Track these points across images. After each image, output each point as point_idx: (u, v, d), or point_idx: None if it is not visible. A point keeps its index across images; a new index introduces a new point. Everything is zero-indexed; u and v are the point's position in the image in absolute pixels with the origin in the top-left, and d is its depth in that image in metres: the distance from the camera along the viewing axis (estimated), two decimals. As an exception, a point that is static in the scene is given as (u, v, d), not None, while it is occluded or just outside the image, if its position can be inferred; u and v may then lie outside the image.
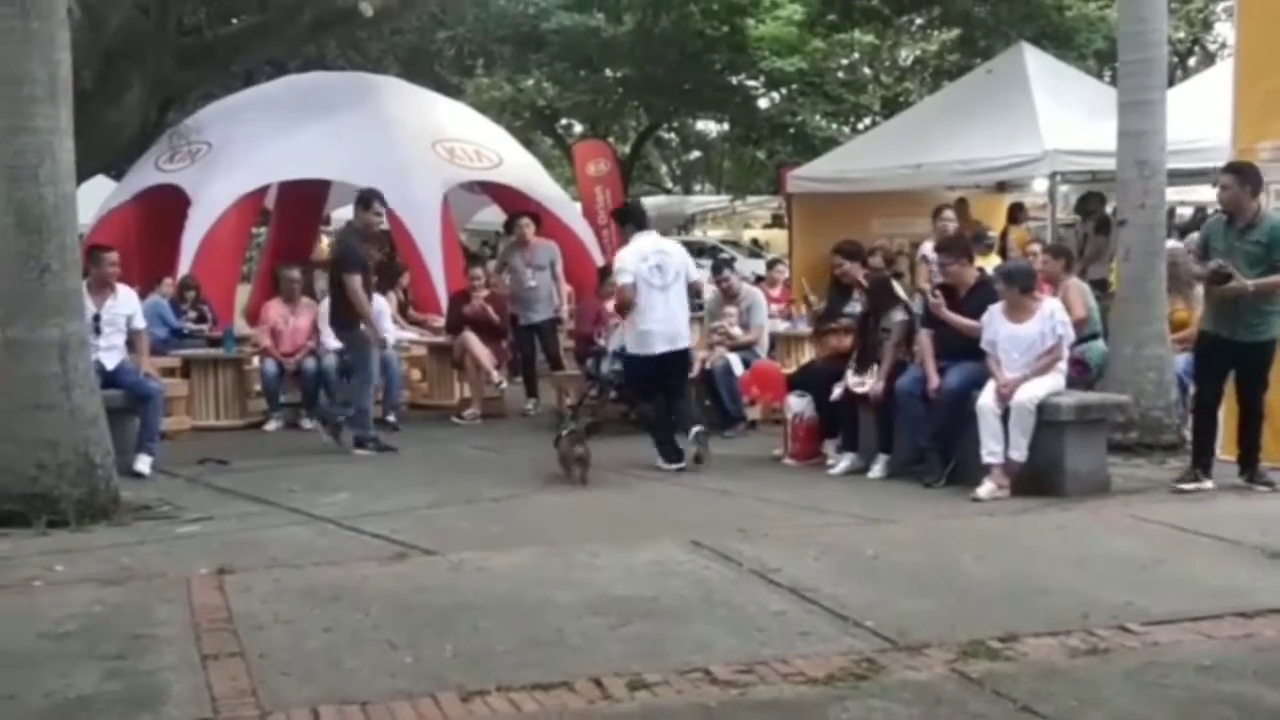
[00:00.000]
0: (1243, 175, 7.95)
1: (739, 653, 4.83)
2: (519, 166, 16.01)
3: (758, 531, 6.93)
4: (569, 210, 16.55)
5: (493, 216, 17.39)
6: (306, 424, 11.33)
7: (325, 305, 11.81)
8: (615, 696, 4.41)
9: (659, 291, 9.07)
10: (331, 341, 11.30)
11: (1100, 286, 11.13)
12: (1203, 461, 8.13)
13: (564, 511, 7.82)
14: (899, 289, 9.68)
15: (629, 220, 9.66)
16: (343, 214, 18.98)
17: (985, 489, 7.86)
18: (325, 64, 20.96)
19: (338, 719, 4.25)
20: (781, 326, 12.60)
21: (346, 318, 10.03)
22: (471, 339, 11.81)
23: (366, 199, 10.15)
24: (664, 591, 5.67)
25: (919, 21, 27.56)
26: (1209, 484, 8.04)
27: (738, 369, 10.53)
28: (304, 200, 16.34)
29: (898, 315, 8.85)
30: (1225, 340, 8.04)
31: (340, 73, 19.41)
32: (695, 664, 4.69)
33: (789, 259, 16.11)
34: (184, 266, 13.33)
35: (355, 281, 9.81)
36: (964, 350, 8.33)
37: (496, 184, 15.65)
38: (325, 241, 17.39)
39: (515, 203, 14.70)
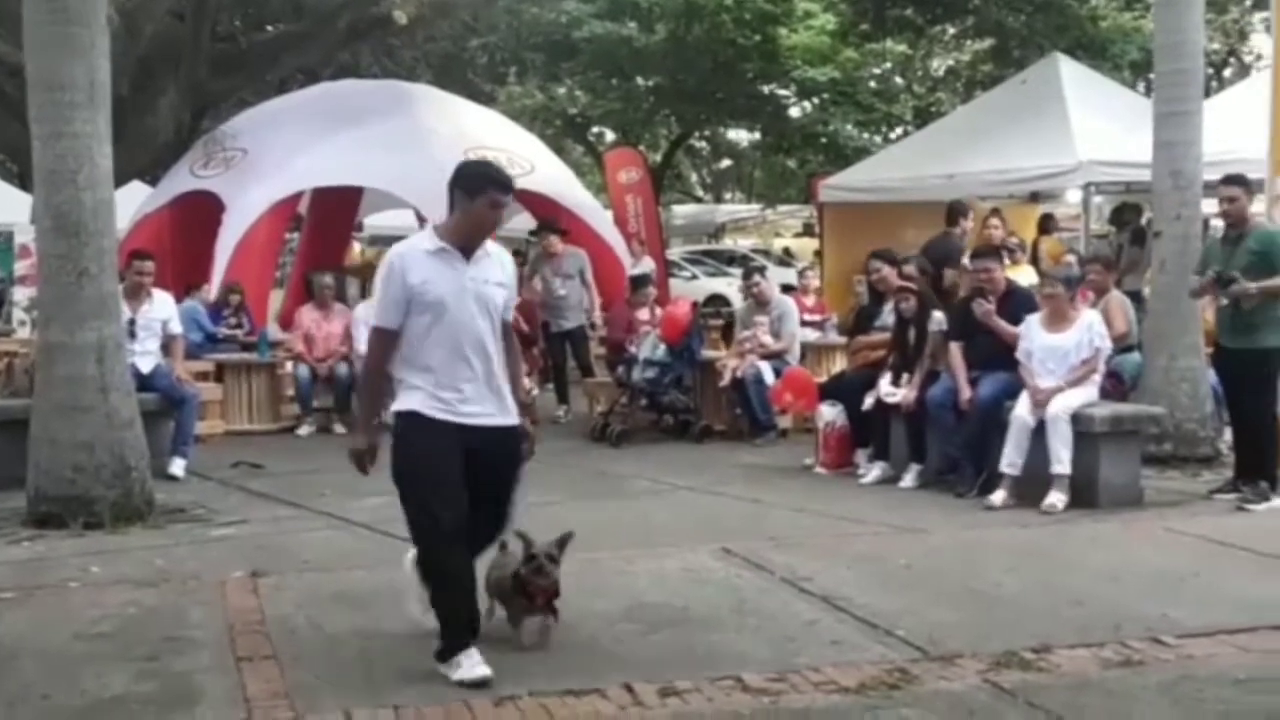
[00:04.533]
0: (1248, 185, 8.02)
1: (771, 661, 4.83)
2: (551, 174, 16.00)
3: (789, 540, 6.93)
4: (600, 218, 16.55)
5: (524, 223, 17.40)
6: (339, 429, 11.39)
7: (360, 309, 11.86)
8: (647, 703, 4.41)
9: None
10: (363, 346, 11.33)
11: (1135, 298, 11.06)
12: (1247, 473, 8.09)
13: (596, 519, 7.78)
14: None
15: None
16: (375, 221, 19.13)
17: (997, 496, 7.89)
18: (359, 71, 21.04)
19: (371, 722, 4.27)
20: (812, 336, 12.57)
21: None
22: (503, 346, 11.79)
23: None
24: (696, 599, 5.67)
25: (952, 31, 27.39)
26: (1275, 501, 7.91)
27: (769, 377, 10.51)
28: (337, 207, 16.41)
29: (935, 325, 8.81)
30: (1225, 349, 8.16)
31: (373, 80, 19.49)
32: (727, 672, 4.69)
33: (819, 267, 16.07)
34: (218, 272, 13.40)
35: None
36: (996, 360, 8.29)
37: (528, 191, 15.65)
38: (357, 248, 17.44)
39: (547, 210, 14.71)
